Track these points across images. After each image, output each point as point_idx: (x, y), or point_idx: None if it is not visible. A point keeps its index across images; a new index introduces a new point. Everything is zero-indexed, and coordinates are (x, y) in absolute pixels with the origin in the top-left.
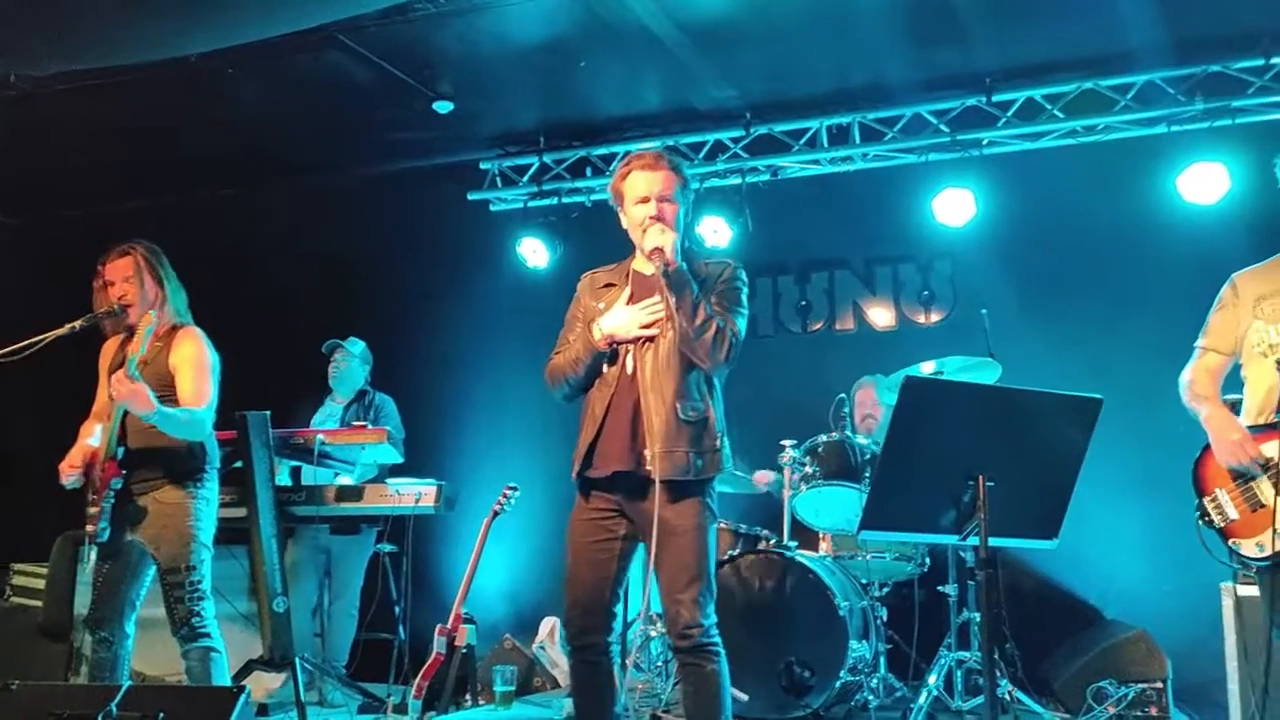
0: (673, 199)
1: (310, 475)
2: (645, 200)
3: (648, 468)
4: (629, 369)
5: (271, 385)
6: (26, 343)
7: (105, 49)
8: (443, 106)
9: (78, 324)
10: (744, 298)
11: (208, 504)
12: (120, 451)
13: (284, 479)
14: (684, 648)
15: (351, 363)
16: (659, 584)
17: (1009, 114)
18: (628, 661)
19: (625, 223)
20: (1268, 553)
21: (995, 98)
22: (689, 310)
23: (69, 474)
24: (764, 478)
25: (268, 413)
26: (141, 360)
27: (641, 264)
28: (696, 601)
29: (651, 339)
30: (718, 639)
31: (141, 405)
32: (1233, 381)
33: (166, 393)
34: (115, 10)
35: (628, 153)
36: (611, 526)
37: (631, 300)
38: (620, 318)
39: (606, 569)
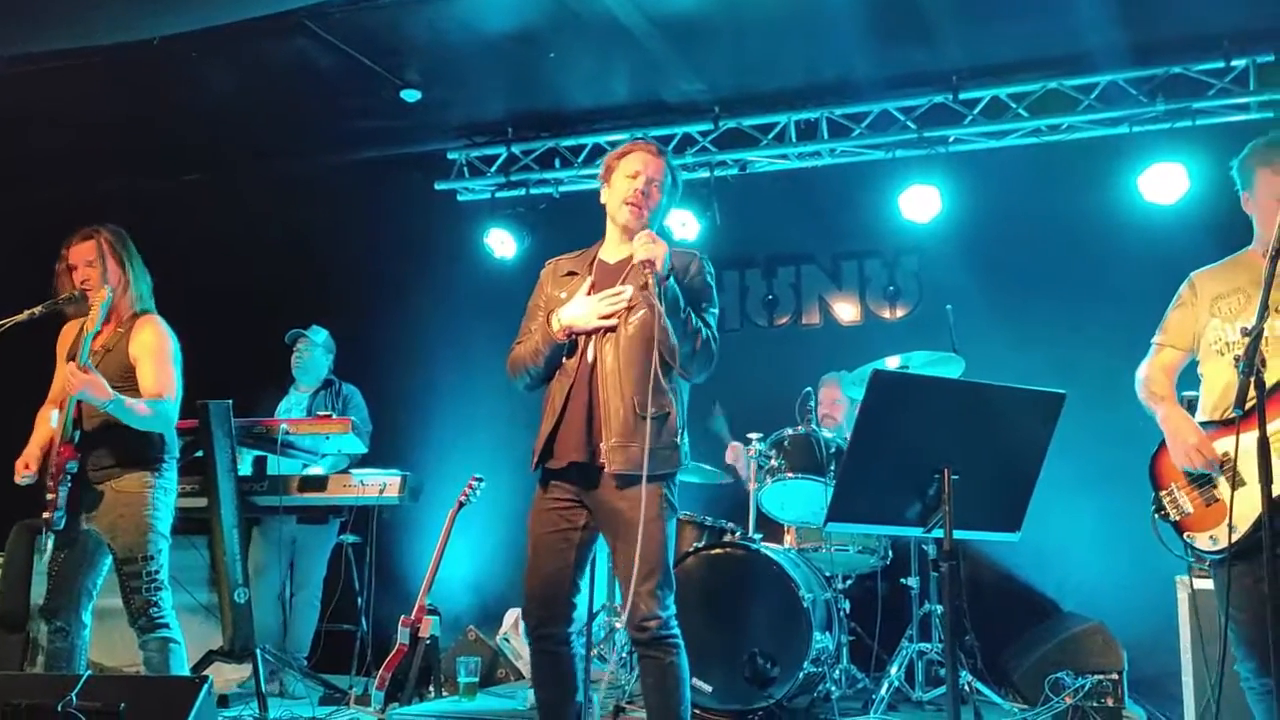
0: (661, 187)
1: (275, 465)
2: (637, 175)
3: (601, 460)
4: (589, 359)
5: (235, 374)
6: None
7: (73, 29)
8: (410, 95)
9: (37, 310)
10: (714, 293)
11: (166, 493)
12: (76, 435)
13: (245, 469)
14: (642, 640)
15: (315, 352)
16: (617, 576)
17: (975, 112)
18: (591, 653)
19: (606, 197)
20: (1220, 546)
21: (961, 96)
22: (680, 328)
23: (23, 474)
24: (735, 450)
25: (230, 402)
26: (98, 347)
27: (608, 252)
28: (654, 594)
29: (612, 329)
30: (676, 631)
31: (97, 394)
32: (1188, 377)
33: (127, 382)
34: None
35: (596, 144)
36: (571, 517)
37: (593, 289)
38: (579, 308)
39: (565, 559)
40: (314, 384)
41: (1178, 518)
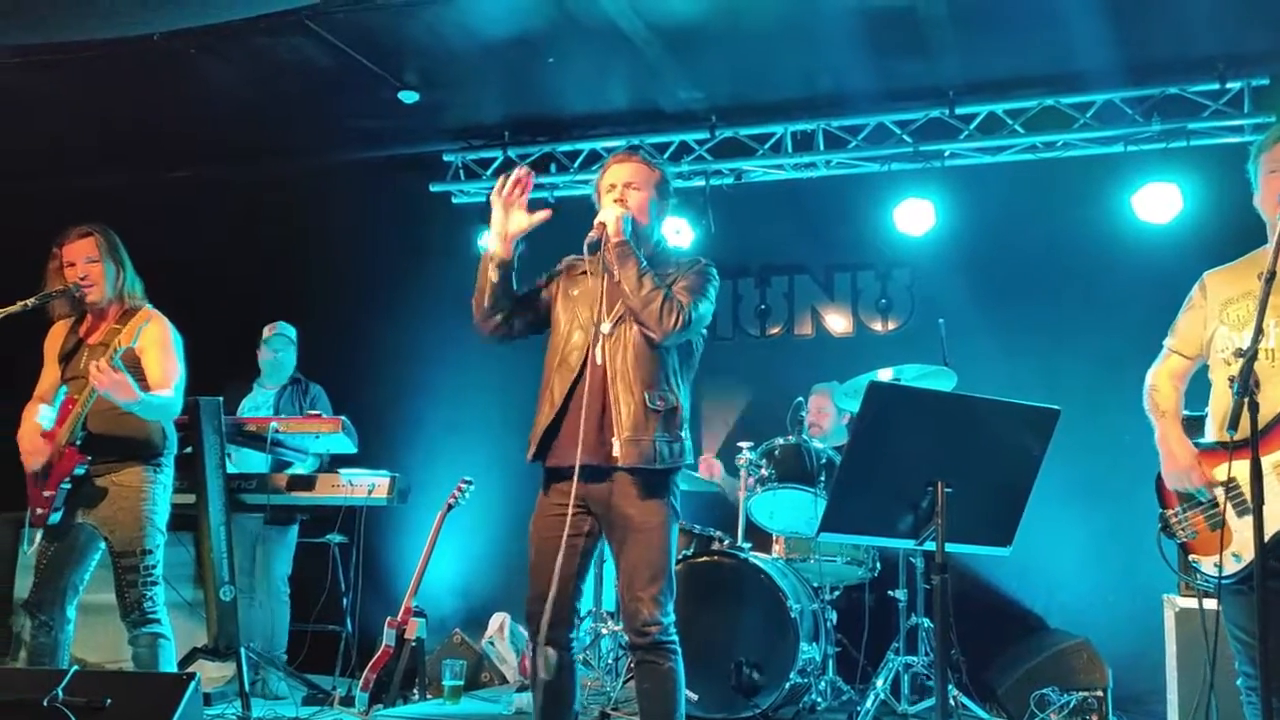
0: (640, 186)
1: (245, 462)
2: (613, 187)
3: (614, 455)
4: (598, 360)
5: (223, 371)
6: None
7: (72, 21)
8: (408, 96)
9: (30, 302)
10: (709, 286)
11: (164, 489)
12: (80, 436)
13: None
14: (642, 645)
15: (288, 347)
16: (619, 580)
17: (971, 127)
18: (578, 658)
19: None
20: (1228, 571)
21: (958, 110)
22: (633, 280)
23: (34, 461)
24: (710, 467)
25: (220, 399)
26: (96, 343)
27: None
28: (656, 599)
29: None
30: (675, 637)
31: (124, 394)
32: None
33: (135, 375)
34: None
35: (592, 150)
36: (576, 523)
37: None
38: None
39: (570, 565)
40: (280, 381)
41: (1184, 540)
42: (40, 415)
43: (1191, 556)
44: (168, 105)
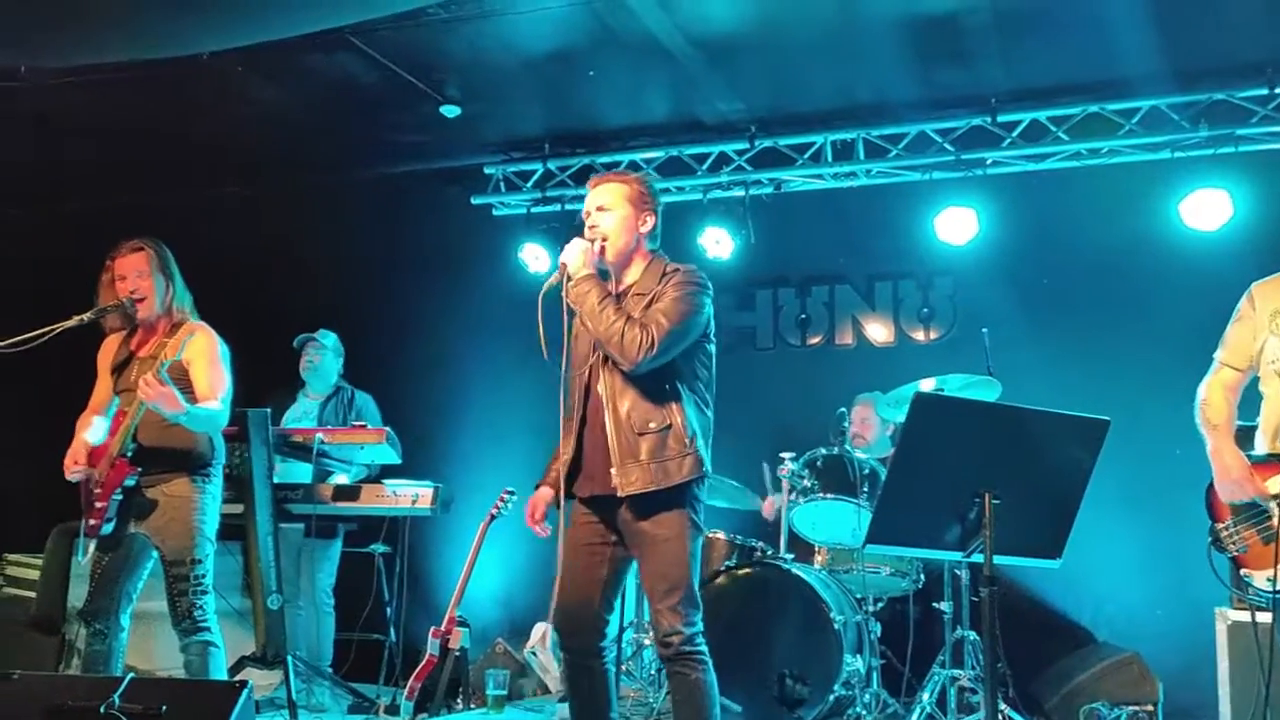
0: (609, 205)
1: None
2: (588, 215)
3: (614, 485)
4: (598, 392)
5: (268, 382)
6: (34, 334)
7: (123, 45)
8: (450, 110)
9: (85, 316)
10: (693, 299)
11: (214, 499)
12: (131, 449)
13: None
14: (668, 655)
15: (325, 356)
16: (645, 594)
17: (1014, 135)
18: (620, 669)
19: None
20: None
21: (1000, 118)
22: (594, 315)
23: (74, 470)
24: (771, 505)
25: (268, 410)
26: (146, 355)
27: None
28: (676, 609)
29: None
30: (703, 646)
31: (171, 407)
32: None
33: (182, 387)
34: (138, 7)
35: (632, 161)
36: (604, 533)
37: None
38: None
39: (597, 573)
40: (325, 390)
41: (1236, 554)
42: (91, 429)
43: (1243, 570)
44: (215, 122)
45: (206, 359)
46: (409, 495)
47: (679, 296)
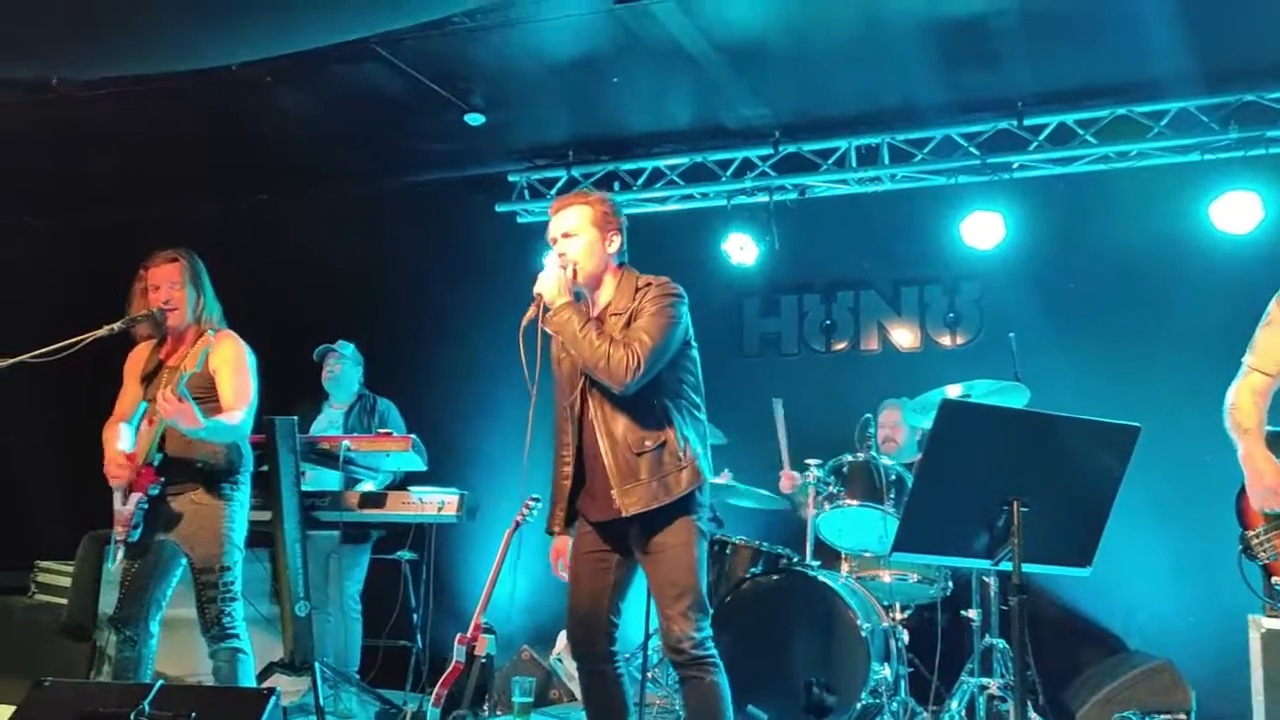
0: (574, 229)
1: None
2: (555, 241)
3: (617, 507)
4: (590, 416)
5: (295, 392)
6: (65, 344)
7: (154, 57)
8: (475, 119)
9: (116, 326)
10: (671, 312)
11: (241, 506)
12: (158, 458)
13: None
14: (679, 661)
15: (345, 365)
16: (654, 601)
17: (1040, 138)
18: (646, 677)
19: None
20: None
21: (1027, 121)
22: (577, 342)
23: (119, 479)
24: (790, 480)
25: (295, 418)
26: (175, 364)
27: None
28: (685, 615)
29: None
30: (713, 651)
31: (188, 423)
32: None
33: (208, 394)
34: (168, 20)
35: (656, 168)
36: (609, 543)
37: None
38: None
39: (603, 580)
40: (347, 399)
41: (1267, 561)
42: (121, 436)
43: (1275, 579)
44: (243, 132)
45: (232, 367)
46: (435, 502)
47: (656, 311)
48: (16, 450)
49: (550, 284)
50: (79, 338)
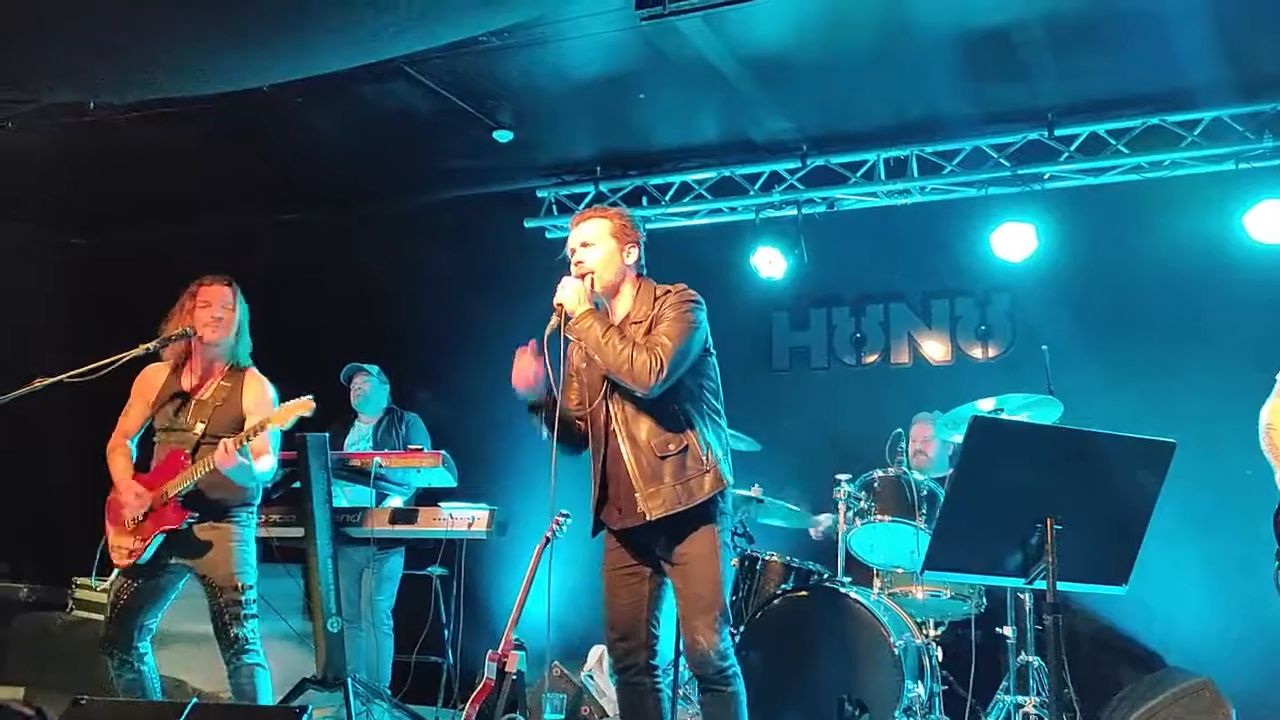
0: (593, 240)
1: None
2: (573, 252)
3: (640, 510)
4: (614, 423)
5: (325, 408)
6: (103, 363)
7: (188, 80)
8: (503, 136)
9: (152, 345)
10: (691, 317)
11: (252, 529)
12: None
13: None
14: (705, 674)
15: (373, 383)
16: (679, 613)
17: (1071, 149)
18: (678, 694)
19: None
20: None
21: (1058, 132)
22: (601, 348)
23: (136, 510)
24: (819, 524)
25: (326, 435)
26: (206, 398)
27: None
28: (712, 627)
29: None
30: (734, 662)
31: (242, 479)
32: None
33: (235, 428)
34: (202, 44)
35: (683, 183)
36: (638, 556)
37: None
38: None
39: (639, 593)
40: (375, 414)
41: None
42: (125, 463)
43: None
44: (275, 152)
45: (262, 412)
46: (466, 518)
47: (676, 316)
48: (54, 467)
49: (570, 293)
50: (113, 359)
